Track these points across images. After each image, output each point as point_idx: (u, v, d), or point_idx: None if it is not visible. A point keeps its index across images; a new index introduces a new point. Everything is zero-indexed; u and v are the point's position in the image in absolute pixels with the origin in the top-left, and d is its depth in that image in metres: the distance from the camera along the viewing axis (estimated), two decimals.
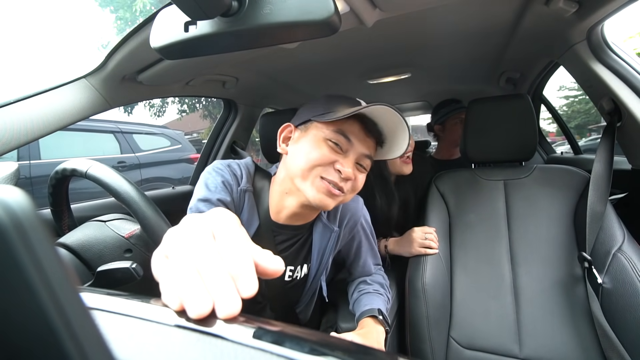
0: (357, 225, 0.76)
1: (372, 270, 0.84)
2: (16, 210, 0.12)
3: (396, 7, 0.70)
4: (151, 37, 0.41)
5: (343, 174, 0.57)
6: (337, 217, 0.71)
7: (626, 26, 6.05)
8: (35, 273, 0.12)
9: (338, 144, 0.58)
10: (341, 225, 0.72)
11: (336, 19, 0.34)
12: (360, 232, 0.78)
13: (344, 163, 0.57)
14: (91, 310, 0.14)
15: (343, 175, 0.57)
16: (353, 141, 0.58)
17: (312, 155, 0.57)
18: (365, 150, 0.60)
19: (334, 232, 0.70)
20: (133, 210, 0.50)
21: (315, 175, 0.58)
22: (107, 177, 0.53)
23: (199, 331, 0.20)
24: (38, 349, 0.12)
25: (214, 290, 0.20)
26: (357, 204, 0.76)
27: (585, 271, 0.74)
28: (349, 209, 0.74)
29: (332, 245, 0.71)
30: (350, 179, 0.58)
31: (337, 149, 0.58)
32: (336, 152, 0.58)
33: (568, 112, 14.77)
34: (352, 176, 0.58)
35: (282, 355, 0.17)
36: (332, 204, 0.59)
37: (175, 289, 0.21)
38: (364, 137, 0.59)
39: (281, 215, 0.65)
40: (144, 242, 0.56)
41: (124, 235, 0.56)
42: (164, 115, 10.38)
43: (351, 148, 0.59)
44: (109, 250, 0.53)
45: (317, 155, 0.57)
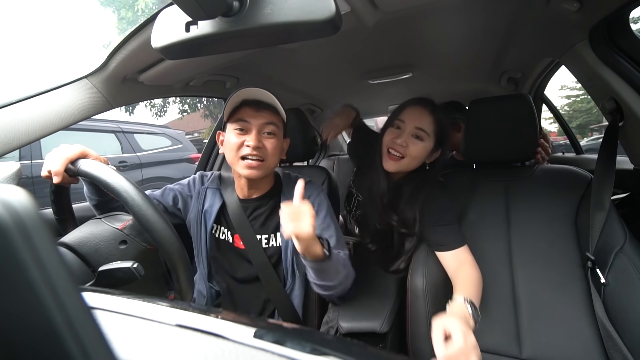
0: (315, 201, 0.85)
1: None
2: (18, 210, 0.12)
3: (396, 5, 0.70)
4: (152, 37, 0.41)
5: (251, 145, 0.76)
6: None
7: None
8: (38, 272, 0.12)
9: (241, 128, 0.78)
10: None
11: (337, 19, 0.34)
12: (320, 208, 0.84)
13: (248, 138, 0.77)
14: (93, 309, 0.14)
15: (252, 145, 0.76)
16: (248, 120, 0.78)
17: (230, 145, 0.78)
18: (262, 120, 0.78)
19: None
20: (123, 199, 0.51)
21: (237, 158, 0.78)
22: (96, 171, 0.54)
23: (201, 331, 0.20)
24: (40, 347, 0.12)
25: None
26: (317, 188, 0.89)
27: (589, 271, 0.73)
28: (310, 190, 0.86)
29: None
30: (258, 146, 0.77)
31: (242, 132, 0.78)
32: (242, 135, 0.78)
33: (570, 112, 14.72)
34: (259, 144, 0.77)
35: (282, 355, 0.17)
36: (259, 173, 0.78)
37: None
38: (255, 113, 0.78)
39: (244, 192, 0.87)
40: (137, 232, 0.56)
41: (118, 227, 0.56)
42: (165, 115, 10.42)
43: (250, 125, 0.78)
44: (104, 244, 0.54)
45: (232, 143, 0.78)
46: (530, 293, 0.81)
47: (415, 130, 0.87)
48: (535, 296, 0.80)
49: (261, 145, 0.77)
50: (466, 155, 0.99)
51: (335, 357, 0.18)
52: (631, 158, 0.87)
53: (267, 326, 0.21)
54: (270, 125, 0.79)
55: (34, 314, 0.12)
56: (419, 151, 0.88)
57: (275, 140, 0.80)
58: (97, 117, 0.87)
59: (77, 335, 0.12)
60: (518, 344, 0.77)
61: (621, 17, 0.72)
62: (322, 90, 1.61)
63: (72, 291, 0.13)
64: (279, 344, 0.18)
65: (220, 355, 0.17)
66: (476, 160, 1.01)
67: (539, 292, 0.80)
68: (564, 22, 0.77)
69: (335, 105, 1.90)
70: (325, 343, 0.20)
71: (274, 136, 0.80)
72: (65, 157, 0.58)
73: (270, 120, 0.79)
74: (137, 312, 0.23)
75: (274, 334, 0.20)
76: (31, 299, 0.12)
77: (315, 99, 1.78)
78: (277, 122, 0.81)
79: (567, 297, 0.77)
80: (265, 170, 0.80)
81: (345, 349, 0.19)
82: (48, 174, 0.60)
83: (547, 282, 0.80)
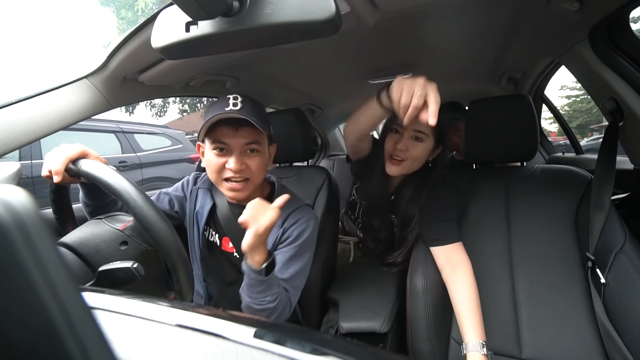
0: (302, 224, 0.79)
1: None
2: (18, 210, 0.12)
3: (396, 5, 0.70)
4: (152, 37, 0.41)
5: (232, 169, 0.71)
6: (284, 214, 0.79)
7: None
8: (38, 272, 0.12)
9: (220, 148, 0.72)
10: (285, 221, 0.80)
11: (337, 19, 0.34)
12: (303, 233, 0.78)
13: (230, 160, 0.71)
14: (93, 309, 0.14)
15: (233, 170, 0.71)
16: (227, 141, 0.71)
17: (210, 166, 0.74)
18: (243, 139, 0.72)
19: (276, 227, 0.77)
20: (124, 200, 0.50)
21: (220, 180, 0.74)
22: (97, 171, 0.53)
23: (201, 331, 0.20)
24: (40, 347, 0.12)
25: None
26: (312, 214, 0.83)
27: (589, 271, 0.73)
28: (303, 215, 0.81)
29: (273, 238, 0.78)
30: (240, 169, 0.71)
31: (222, 153, 0.72)
32: (222, 156, 0.72)
33: (570, 112, 14.72)
34: (242, 166, 0.72)
35: (282, 355, 0.17)
36: (244, 194, 0.75)
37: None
38: (234, 133, 0.71)
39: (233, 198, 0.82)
40: (138, 233, 0.56)
41: (119, 228, 0.56)
42: (165, 115, 10.41)
43: (229, 147, 0.72)
44: (105, 244, 0.53)
45: (212, 164, 0.73)
46: (530, 293, 0.81)
47: (414, 132, 0.87)
48: (535, 296, 0.80)
49: (244, 167, 0.72)
50: (466, 155, 0.99)
51: (335, 357, 0.18)
52: (631, 158, 0.87)
53: (267, 326, 0.21)
54: (252, 144, 0.73)
55: (34, 314, 0.12)
56: (420, 152, 0.89)
57: (259, 157, 0.75)
58: (97, 117, 0.87)
59: (77, 335, 0.12)
60: (518, 344, 0.77)
61: (621, 17, 0.72)
62: (322, 90, 1.61)
63: (72, 291, 0.13)
64: (279, 344, 0.18)
65: (220, 355, 0.17)
66: (476, 160, 1.01)
67: (539, 292, 0.80)
68: (564, 22, 0.77)
69: (335, 105, 1.91)
70: (325, 343, 0.20)
71: (257, 153, 0.74)
72: (65, 156, 0.58)
73: (252, 139, 0.72)
74: (137, 312, 0.23)
75: (274, 334, 0.20)
76: (31, 299, 0.12)
77: (315, 99, 1.78)
78: (260, 138, 0.74)
79: (567, 297, 0.77)
80: (252, 188, 0.76)
81: (345, 349, 0.19)
82: (48, 174, 0.60)
83: (547, 282, 0.80)
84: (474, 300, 0.78)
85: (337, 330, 0.86)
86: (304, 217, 0.80)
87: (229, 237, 0.83)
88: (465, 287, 0.79)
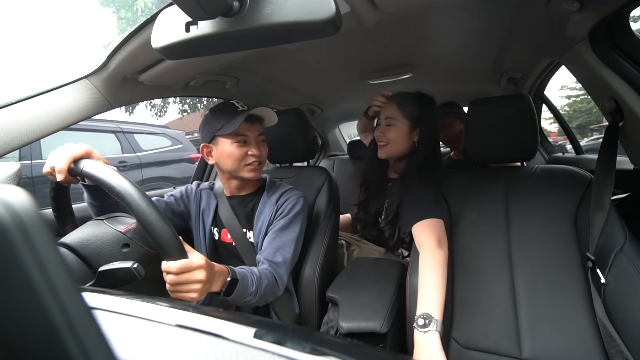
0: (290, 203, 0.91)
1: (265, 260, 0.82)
2: (18, 210, 0.12)
3: (396, 5, 0.70)
4: (152, 37, 0.41)
5: (255, 154, 0.87)
6: (277, 195, 0.93)
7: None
8: (38, 273, 0.12)
9: (240, 141, 0.87)
10: (278, 200, 0.92)
11: (337, 19, 0.34)
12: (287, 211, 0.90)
13: (251, 149, 0.88)
14: (93, 309, 0.14)
15: (256, 155, 0.88)
16: (248, 134, 0.88)
17: (234, 157, 0.87)
18: (256, 131, 0.89)
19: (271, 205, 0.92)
20: (128, 203, 0.50)
21: (243, 166, 0.88)
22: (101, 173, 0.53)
23: (201, 331, 0.20)
24: (40, 347, 0.12)
25: None
26: (300, 194, 0.96)
27: (589, 271, 0.73)
28: (293, 193, 0.94)
29: (269, 216, 0.90)
30: (261, 154, 0.89)
31: (243, 144, 0.87)
32: (243, 146, 0.87)
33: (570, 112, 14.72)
34: (260, 152, 0.89)
35: (282, 355, 0.17)
36: (259, 173, 0.92)
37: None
38: (251, 127, 0.88)
39: (231, 190, 0.96)
40: (140, 236, 0.55)
41: (121, 230, 0.55)
42: (165, 115, 10.39)
43: (249, 138, 0.88)
44: (106, 246, 0.53)
45: (235, 155, 0.86)
46: (530, 293, 0.81)
47: (385, 120, 1.05)
48: (535, 296, 0.80)
49: (262, 152, 0.90)
50: (466, 155, 0.99)
51: (335, 357, 0.18)
52: (631, 158, 0.87)
53: (267, 326, 0.21)
54: (262, 135, 0.92)
55: (34, 314, 0.12)
56: (394, 134, 1.04)
57: (266, 145, 0.95)
58: (97, 117, 0.87)
59: (77, 335, 0.12)
60: (518, 344, 0.77)
61: (621, 17, 0.72)
62: (322, 90, 1.61)
63: (72, 291, 0.13)
64: (279, 344, 0.18)
65: (220, 355, 0.17)
66: (476, 160, 1.01)
67: (539, 292, 0.80)
68: (564, 22, 0.77)
69: (335, 105, 1.91)
70: (325, 343, 0.20)
71: (265, 143, 0.94)
72: (69, 155, 0.58)
73: (262, 131, 0.92)
74: (137, 312, 0.23)
75: (274, 334, 0.20)
76: (31, 299, 0.12)
77: (315, 99, 1.78)
78: (264, 131, 0.94)
79: (567, 297, 0.77)
80: (261, 169, 0.93)
81: (345, 349, 0.19)
82: (50, 171, 0.59)
83: (547, 282, 0.80)
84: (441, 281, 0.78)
85: (337, 330, 0.86)
86: (294, 194, 0.94)
87: (227, 229, 0.92)
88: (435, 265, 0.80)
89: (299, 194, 0.95)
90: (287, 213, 0.90)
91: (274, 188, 0.96)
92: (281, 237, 0.87)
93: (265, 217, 0.90)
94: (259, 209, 0.92)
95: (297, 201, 0.92)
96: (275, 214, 0.90)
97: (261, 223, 0.90)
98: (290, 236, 0.88)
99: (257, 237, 0.90)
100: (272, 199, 0.92)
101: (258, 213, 0.91)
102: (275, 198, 0.92)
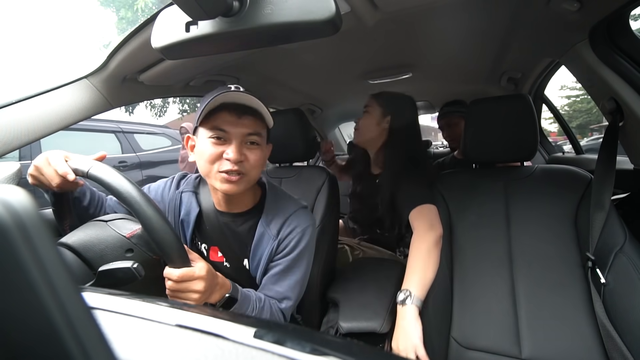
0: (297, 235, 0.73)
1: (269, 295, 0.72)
2: (18, 210, 0.12)
3: (396, 5, 0.70)
4: (152, 37, 0.41)
5: (231, 159, 0.64)
6: (278, 223, 0.74)
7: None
8: (38, 273, 0.12)
9: (218, 137, 0.65)
10: (280, 231, 0.73)
11: (337, 19, 0.34)
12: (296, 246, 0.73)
13: (229, 150, 0.64)
14: (93, 309, 0.14)
15: (232, 160, 0.64)
16: (227, 129, 0.65)
17: (204, 156, 0.66)
18: (244, 130, 0.66)
19: (271, 238, 0.73)
20: (134, 210, 0.50)
21: (215, 171, 0.66)
22: (109, 177, 0.52)
23: (201, 331, 0.20)
24: (40, 347, 0.12)
25: None
26: (308, 220, 0.77)
27: (589, 271, 0.73)
28: (298, 223, 0.75)
29: (268, 250, 0.72)
30: (240, 160, 0.65)
31: (219, 141, 0.65)
32: (219, 145, 0.65)
33: (570, 112, 14.73)
34: (241, 157, 0.65)
35: (282, 355, 0.17)
36: (239, 188, 0.67)
37: None
38: (236, 121, 0.65)
39: (221, 204, 0.76)
40: (145, 242, 0.55)
41: (126, 235, 0.55)
42: (165, 115, 10.40)
43: (230, 135, 0.65)
44: (110, 250, 0.53)
45: (207, 154, 0.65)
46: (530, 293, 0.81)
47: (363, 109, 1.16)
48: (535, 296, 0.80)
49: (243, 159, 0.65)
50: (466, 155, 0.99)
51: (335, 357, 0.18)
52: (631, 158, 0.87)
53: (267, 326, 0.21)
54: (253, 135, 0.67)
55: (34, 314, 0.12)
56: (367, 120, 1.13)
57: (259, 151, 0.68)
58: (97, 117, 0.87)
59: (77, 335, 0.12)
60: (518, 344, 0.77)
61: (621, 17, 0.72)
62: (322, 90, 1.61)
63: (72, 291, 0.13)
64: (279, 344, 0.18)
65: (220, 355, 0.17)
66: (476, 160, 1.01)
67: (539, 292, 0.80)
68: (564, 22, 0.77)
69: (335, 105, 1.91)
70: (325, 343, 0.20)
71: (257, 147, 0.68)
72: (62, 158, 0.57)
73: (254, 130, 0.67)
74: (137, 312, 0.23)
75: (274, 334, 0.20)
76: (31, 299, 0.12)
77: (315, 99, 1.78)
78: (262, 130, 0.69)
79: (567, 297, 0.77)
80: (246, 185, 0.68)
81: (345, 349, 0.19)
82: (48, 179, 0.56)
83: (547, 282, 0.80)
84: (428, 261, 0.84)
85: (337, 330, 0.86)
86: (299, 224, 0.74)
87: (217, 246, 0.77)
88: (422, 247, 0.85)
89: (305, 223, 0.75)
90: (290, 251, 0.73)
91: (275, 209, 0.75)
92: (283, 281, 0.72)
93: (264, 250, 0.73)
94: (256, 238, 0.73)
95: (304, 234, 0.74)
96: (276, 249, 0.73)
97: (259, 257, 0.73)
98: (294, 278, 0.73)
99: (254, 269, 0.75)
100: (272, 227, 0.73)
101: (255, 243, 0.73)
102: (276, 228, 0.73)
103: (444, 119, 1.72)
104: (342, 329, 0.85)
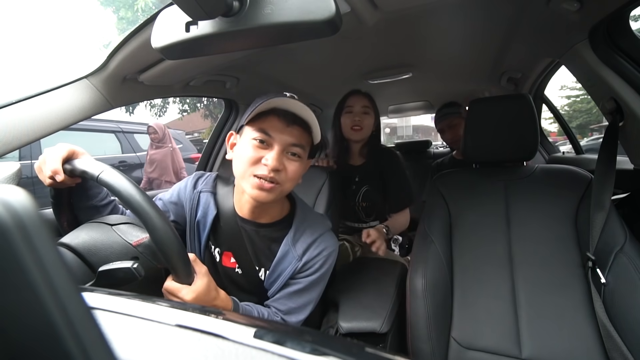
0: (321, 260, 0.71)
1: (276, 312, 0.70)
2: (19, 210, 0.12)
3: (396, 5, 0.70)
4: (152, 37, 0.41)
5: (269, 166, 0.62)
6: (305, 243, 0.71)
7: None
8: (38, 273, 0.12)
9: (262, 140, 0.64)
10: (306, 252, 0.71)
11: (337, 19, 0.34)
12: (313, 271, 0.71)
13: (269, 157, 0.63)
14: (93, 309, 0.14)
15: (270, 167, 0.62)
16: (273, 135, 0.64)
17: (243, 157, 0.64)
18: (290, 139, 0.65)
19: (295, 258, 0.70)
20: (143, 220, 0.49)
21: (249, 174, 0.64)
22: (120, 184, 0.51)
23: (201, 331, 0.20)
24: (40, 347, 0.12)
25: None
26: (334, 244, 0.75)
27: (589, 271, 0.73)
28: (326, 246, 0.72)
29: (291, 270, 0.70)
30: (278, 169, 0.63)
31: (262, 145, 0.64)
32: (261, 149, 0.64)
33: (570, 112, 14.73)
34: (280, 166, 0.63)
35: (282, 355, 0.17)
36: (269, 197, 0.64)
37: None
38: (284, 128, 0.64)
39: (244, 210, 0.73)
40: (151, 252, 0.54)
41: (132, 243, 0.54)
42: (165, 114, 10.41)
43: (273, 141, 0.64)
44: (115, 257, 0.52)
45: (246, 155, 0.64)
46: (530, 293, 0.81)
47: (362, 108, 1.26)
48: (535, 296, 0.80)
49: (281, 168, 0.64)
50: (466, 155, 0.99)
51: (335, 357, 0.18)
52: (631, 158, 0.87)
53: (267, 326, 0.21)
54: (296, 147, 0.65)
55: (34, 314, 0.12)
56: (368, 121, 1.27)
57: (299, 164, 0.67)
58: (97, 117, 0.87)
59: (77, 335, 0.12)
60: (518, 344, 0.77)
61: (621, 17, 0.72)
62: (322, 90, 1.61)
63: (72, 291, 0.13)
64: (279, 344, 0.18)
65: (220, 355, 0.17)
66: (476, 160, 1.01)
67: (539, 292, 0.80)
68: (564, 22, 0.77)
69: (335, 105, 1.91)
70: (325, 343, 0.20)
71: (298, 159, 0.66)
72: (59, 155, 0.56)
73: (299, 142, 0.65)
74: (137, 312, 0.23)
75: (274, 334, 0.20)
76: (31, 299, 0.12)
77: (316, 99, 1.78)
78: (306, 143, 0.68)
79: (568, 297, 0.77)
80: (278, 195, 0.66)
81: (345, 349, 0.19)
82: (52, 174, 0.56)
83: (547, 282, 0.80)
84: (402, 220, 1.28)
85: (337, 330, 0.86)
86: (326, 248, 0.72)
87: (231, 252, 0.74)
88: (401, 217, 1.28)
89: (332, 247, 0.73)
90: (312, 272, 0.71)
91: (303, 228, 0.72)
92: (298, 299, 0.70)
93: (286, 268, 0.70)
94: (279, 255, 0.70)
95: (328, 259, 0.72)
96: (300, 268, 0.70)
97: (278, 273, 0.71)
98: (308, 297, 0.71)
99: (269, 283, 0.72)
100: (298, 247, 0.70)
101: (278, 260, 0.70)
102: (302, 248, 0.70)
103: (444, 121, 1.70)
104: (342, 329, 0.85)
